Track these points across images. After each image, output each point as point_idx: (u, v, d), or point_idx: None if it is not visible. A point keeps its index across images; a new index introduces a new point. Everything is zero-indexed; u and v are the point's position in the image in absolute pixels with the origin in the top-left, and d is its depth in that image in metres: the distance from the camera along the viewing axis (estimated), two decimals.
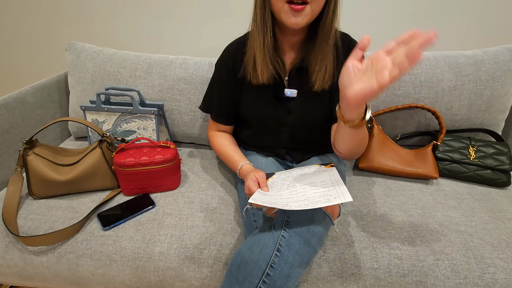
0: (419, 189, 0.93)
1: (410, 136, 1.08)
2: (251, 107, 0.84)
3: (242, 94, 0.84)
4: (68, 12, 1.38)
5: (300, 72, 0.78)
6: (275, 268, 0.57)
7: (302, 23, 0.65)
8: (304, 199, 0.60)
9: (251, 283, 0.56)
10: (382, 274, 0.69)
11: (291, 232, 0.60)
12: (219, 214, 0.83)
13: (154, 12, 1.34)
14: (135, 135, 1.07)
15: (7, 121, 1.00)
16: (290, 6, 0.63)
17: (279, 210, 0.66)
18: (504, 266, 0.69)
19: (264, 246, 0.59)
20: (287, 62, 0.79)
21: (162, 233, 0.77)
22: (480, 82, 1.01)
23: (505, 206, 0.86)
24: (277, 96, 0.81)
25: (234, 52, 0.82)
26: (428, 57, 1.05)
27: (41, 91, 1.14)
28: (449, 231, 0.77)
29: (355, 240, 0.74)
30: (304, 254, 0.60)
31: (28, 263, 0.75)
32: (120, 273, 0.74)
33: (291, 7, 0.63)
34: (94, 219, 0.81)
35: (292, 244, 0.59)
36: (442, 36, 1.27)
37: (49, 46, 1.47)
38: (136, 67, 1.11)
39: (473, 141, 0.99)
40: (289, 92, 0.78)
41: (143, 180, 0.87)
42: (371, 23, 1.27)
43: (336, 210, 0.69)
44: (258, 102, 0.83)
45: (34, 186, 0.85)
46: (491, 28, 1.24)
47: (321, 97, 0.79)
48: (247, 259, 0.59)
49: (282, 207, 0.57)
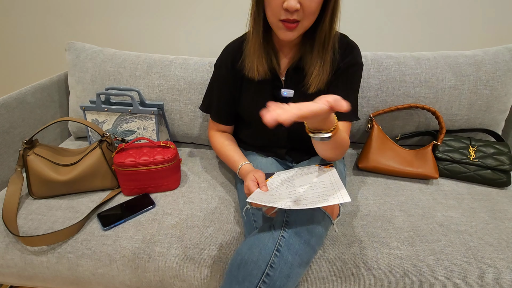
0: (419, 189, 0.93)
1: (410, 136, 1.08)
2: (249, 106, 0.85)
3: (241, 93, 0.85)
4: (68, 12, 1.38)
5: (297, 72, 0.78)
6: (275, 268, 0.57)
7: (293, 37, 0.68)
8: (303, 199, 0.60)
9: (251, 283, 0.56)
10: (382, 274, 0.69)
11: (291, 232, 0.60)
12: (219, 214, 0.83)
13: (154, 12, 1.34)
14: (135, 135, 1.07)
15: (7, 121, 1.00)
16: (284, 24, 0.65)
17: (279, 210, 0.66)
18: (504, 266, 0.69)
19: (263, 246, 0.59)
20: (284, 61, 0.80)
21: (162, 233, 0.77)
22: (480, 82, 1.01)
23: (505, 206, 0.86)
24: (275, 96, 0.81)
25: (233, 52, 0.83)
26: (428, 57, 1.05)
27: (41, 91, 1.14)
28: (449, 231, 0.77)
29: (355, 240, 0.74)
30: (304, 254, 0.60)
31: (28, 263, 0.75)
32: (120, 273, 0.74)
33: (284, 25, 0.65)
34: (94, 219, 0.81)
35: (292, 244, 0.59)
36: (442, 36, 1.27)
37: (49, 46, 1.47)
38: (136, 67, 1.11)
39: (473, 141, 0.99)
40: (285, 92, 0.79)
41: (143, 180, 0.87)
42: (371, 23, 1.27)
43: (336, 210, 0.69)
44: (256, 102, 0.83)
45: (34, 186, 0.85)
46: (492, 29, 1.24)
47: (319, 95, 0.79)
48: (246, 259, 0.59)
49: (281, 207, 0.57)
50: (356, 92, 0.83)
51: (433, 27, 1.26)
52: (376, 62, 1.05)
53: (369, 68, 1.04)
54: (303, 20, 0.65)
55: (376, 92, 1.04)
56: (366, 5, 1.24)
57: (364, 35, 1.29)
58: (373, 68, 1.04)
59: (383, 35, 1.28)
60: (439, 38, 1.28)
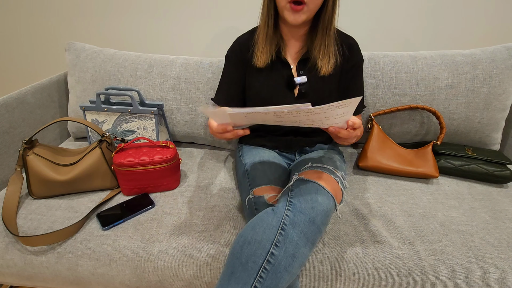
0: (420, 188, 0.92)
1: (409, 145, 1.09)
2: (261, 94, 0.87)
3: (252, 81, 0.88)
4: (68, 13, 1.38)
5: (305, 59, 0.84)
6: (280, 247, 0.55)
7: (300, 20, 0.74)
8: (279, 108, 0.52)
9: (255, 263, 0.55)
10: (383, 274, 0.68)
11: (295, 211, 0.59)
12: (218, 213, 0.82)
13: (154, 13, 1.34)
14: (135, 135, 1.07)
15: (7, 121, 1.00)
16: (291, 6, 0.72)
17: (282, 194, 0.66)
18: (504, 266, 0.68)
19: (268, 225, 0.58)
20: (293, 51, 0.86)
21: (161, 232, 0.77)
22: (477, 81, 1.01)
23: (506, 206, 0.86)
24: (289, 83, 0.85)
25: (242, 42, 0.89)
26: (425, 56, 1.05)
27: (41, 91, 1.14)
28: (450, 231, 0.76)
29: (357, 239, 0.74)
30: (309, 232, 0.59)
31: (28, 263, 0.75)
32: (120, 272, 0.74)
33: (291, 6, 0.72)
34: (93, 219, 0.80)
35: (297, 222, 0.58)
36: (442, 36, 1.27)
37: (49, 46, 1.47)
38: (136, 67, 1.11)
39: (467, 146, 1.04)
40: (299, 79, 0.83)
41: (143, 180, 0.87)
42: (371, 23, 1.27)
43: (339, 194, 0.70)
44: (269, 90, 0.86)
45: (34, 186, 0.85)
46: (492, 29, 1.24)
47: (329, 81, 0.85)
48: (250, 239, 0.57)
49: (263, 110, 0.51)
50: (362, 85, 0.93)
51: (433, 27, 1.26)
52: (373, 61, 1.05)
53: (365, 67, 1.04)
54: (309, 3, 0.72)
55: (372, 90, 1.05)
56: (366, 5, 1.24)
57: (364, 35, 1.29)
58: (370, 67, 1.04)
59: (382, 35, 1.28)
60: (438, 38, 1.28)
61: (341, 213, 0.82)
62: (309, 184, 0.66)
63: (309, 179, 0.67)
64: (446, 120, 1.04)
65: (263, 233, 0.57)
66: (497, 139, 1.08)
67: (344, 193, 0.74)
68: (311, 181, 0.67)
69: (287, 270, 0.56)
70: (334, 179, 0.72)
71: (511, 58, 1.01)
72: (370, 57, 1.06)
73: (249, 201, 0.75)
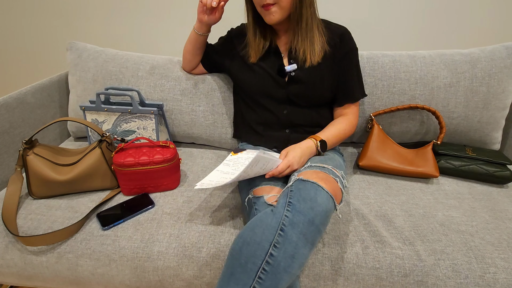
0: (420, 188, 0.92)
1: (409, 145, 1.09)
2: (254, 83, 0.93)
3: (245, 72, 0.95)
4: (68, 13, 1.38)
5: (295, 51, 0.89)
6: (279, 248, 0.55)
7: (275, 19, 0.81)
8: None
9: (254, 264, 0.55)
10: (383, 274, 0.68)
11: (295, 211, 0.59)
12: (218, 213, 0.82)
13: (155, 13, 1.34)
14: (135, 135, 1.07)
15: (7, 121, 1.00)
16: (264, 8, 0.80)
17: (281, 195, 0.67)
18: (505, 266, 0.68)
19: (267, 226, 0.58)
20: (283, 42, 0.92)
21: (160, 232, 0.77)
22: (476, 79, 1.01)
23: (506, 206, 0.86)
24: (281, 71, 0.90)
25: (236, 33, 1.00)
26: (424, 55, 1.05)
27: (41, 91, 1.14)
28: (450, 231, 0.76)
29: (357, 239, 0.74)
30: (309, 233, 0.59)
31: (28, 263, 0.75)
32: (120, 272, 0.74)
33: (264, 9, 0.80)
34: (93, 219, 0.80)
35: (296, 223, 0.58)
36: (440, 35, 1.27)
37: (50, 46, 1.48)
38: (138, 67, 1.11)
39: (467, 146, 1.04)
40: (289, 67, 0.88)
41: (143, 180, 0.87)
42: (371, 23, 1.27)
43: (339, 195, 0.70)
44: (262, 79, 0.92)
45: (34, 186, 0.85)
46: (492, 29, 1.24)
47: (319, 68, 0.88)
48: (249, 240, 0.57)
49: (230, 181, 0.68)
50: (359, 72, 0.94)
51: (432, 26, 1.26)
52: (372, 60, 1.05)
53: (364, 66, 1.04)
54: (279, 1, 0.78)
55: (371, 89, 1.05)
56: (366, 4, 1.24)
57: (364, 34, 1.29)
58: (368, 66, 1.04)
59: (382, 35, 1.28)
60: (436, 37, 1.28)
61: (341, 213, 0.82)
62: (308, 184, 0.66)
63: (308, 180, 0.67)
64: (445, 119, 1.04)
65: (262, 234, 0.57)
66: (497, 138, 1.08)
67: (344, 193, 0.74)
68: (310, 181, 0.67)
69: (287, 271, 0.56)
70: (334, 179, 0.72)
71: (510, 57, 1.01)
72: (369, 57, 1.06)
73: (249, 201, 0.76)
